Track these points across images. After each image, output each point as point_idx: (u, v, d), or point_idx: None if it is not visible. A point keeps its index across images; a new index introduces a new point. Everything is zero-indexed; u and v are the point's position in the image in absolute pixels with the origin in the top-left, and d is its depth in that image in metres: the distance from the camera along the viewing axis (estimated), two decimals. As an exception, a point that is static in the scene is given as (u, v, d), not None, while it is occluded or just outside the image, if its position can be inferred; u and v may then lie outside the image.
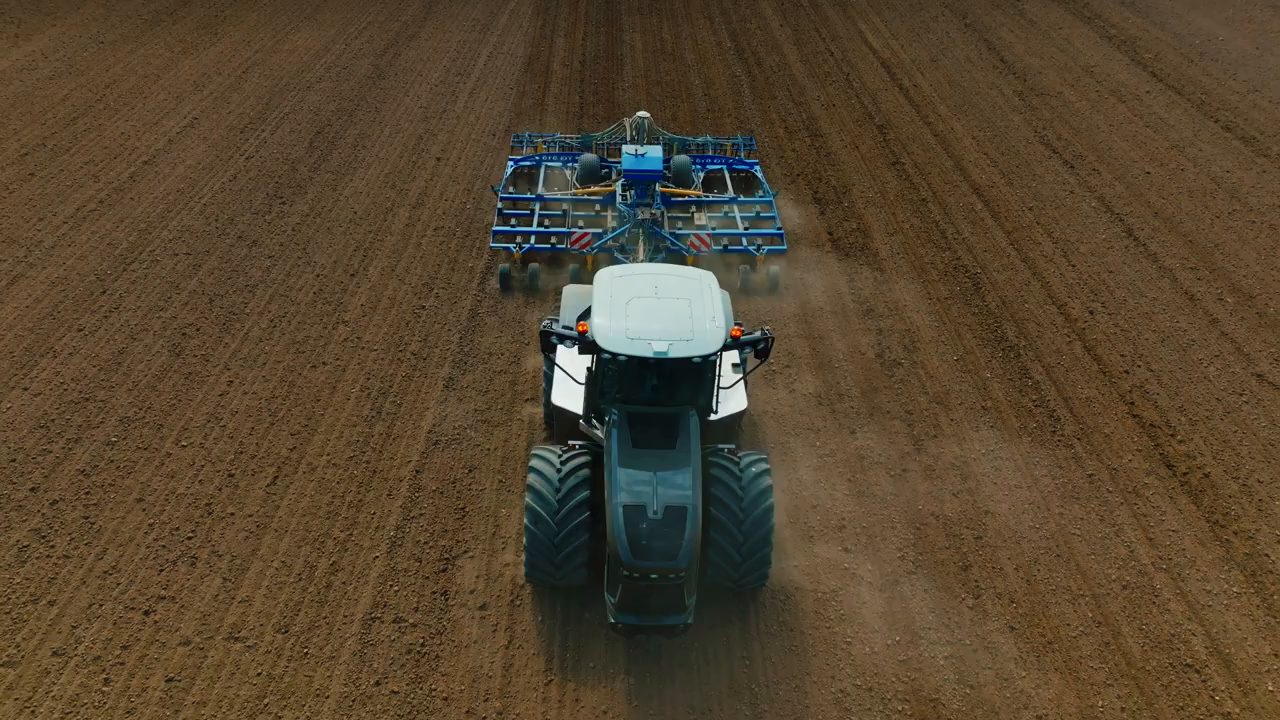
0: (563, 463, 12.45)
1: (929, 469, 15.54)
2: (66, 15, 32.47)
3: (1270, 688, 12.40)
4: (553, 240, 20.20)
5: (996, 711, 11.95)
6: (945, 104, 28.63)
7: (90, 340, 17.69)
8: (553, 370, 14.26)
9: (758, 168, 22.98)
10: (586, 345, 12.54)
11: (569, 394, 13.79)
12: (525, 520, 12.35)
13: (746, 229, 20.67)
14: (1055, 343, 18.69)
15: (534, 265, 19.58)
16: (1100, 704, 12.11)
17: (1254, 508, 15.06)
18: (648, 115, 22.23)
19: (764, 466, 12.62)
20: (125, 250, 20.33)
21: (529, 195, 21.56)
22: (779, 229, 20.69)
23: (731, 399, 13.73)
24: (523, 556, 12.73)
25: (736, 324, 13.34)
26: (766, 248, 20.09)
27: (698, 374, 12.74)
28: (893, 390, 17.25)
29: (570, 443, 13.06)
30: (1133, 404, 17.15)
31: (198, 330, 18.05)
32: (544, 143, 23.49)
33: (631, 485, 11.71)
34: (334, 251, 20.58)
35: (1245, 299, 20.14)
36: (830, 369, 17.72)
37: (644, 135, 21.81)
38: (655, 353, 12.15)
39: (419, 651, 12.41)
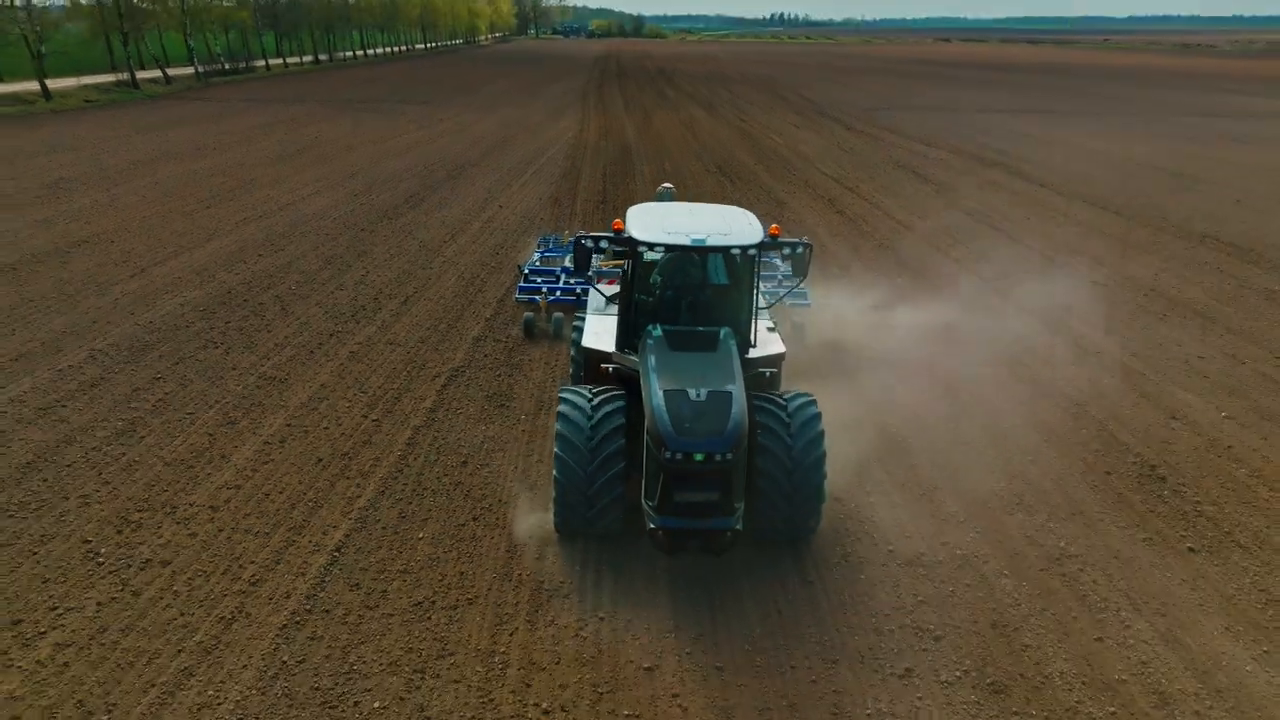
0: (594, 406, 11.47)
1: (868, 313, 22.47)
2: (216, 154, 43.07)
3: (1096, 370, 18.78)
4: (578, 293, 20.26)
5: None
6: (879, 193, 37.87)
7: (266, 259, 25.35)
8: (583, 323, 14.20)
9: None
10: (622, 242, 12.34)
11: (601, 338, 13.30)
12: (554, 469, 11.32)
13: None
14: (949, 273, 26.14)
15: (558, 315, 20.09)
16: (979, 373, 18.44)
17: (1076, 321, 21.88)
18: (671, 186, 23.90)
19: (814, 411, 11.63)
20: (281, 232, 28.48)
21: (554, 269, 22.31)
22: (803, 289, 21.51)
23: (770, 343, 13.38)
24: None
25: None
26: (790, 301, 20.38)
27: (735, 288, 12.74)
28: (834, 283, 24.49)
29: (603, 366, 12.58)
30: (999, 291, 24.34)
31: (340, 258, 25.76)
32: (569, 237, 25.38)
33: (672, 375, 11.09)
34: (429, 234, 28.67)
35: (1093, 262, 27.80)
36: (786, 280, 24.99)
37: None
38: (693, 240, 11.79)
39: (510, 348, 18.99)
